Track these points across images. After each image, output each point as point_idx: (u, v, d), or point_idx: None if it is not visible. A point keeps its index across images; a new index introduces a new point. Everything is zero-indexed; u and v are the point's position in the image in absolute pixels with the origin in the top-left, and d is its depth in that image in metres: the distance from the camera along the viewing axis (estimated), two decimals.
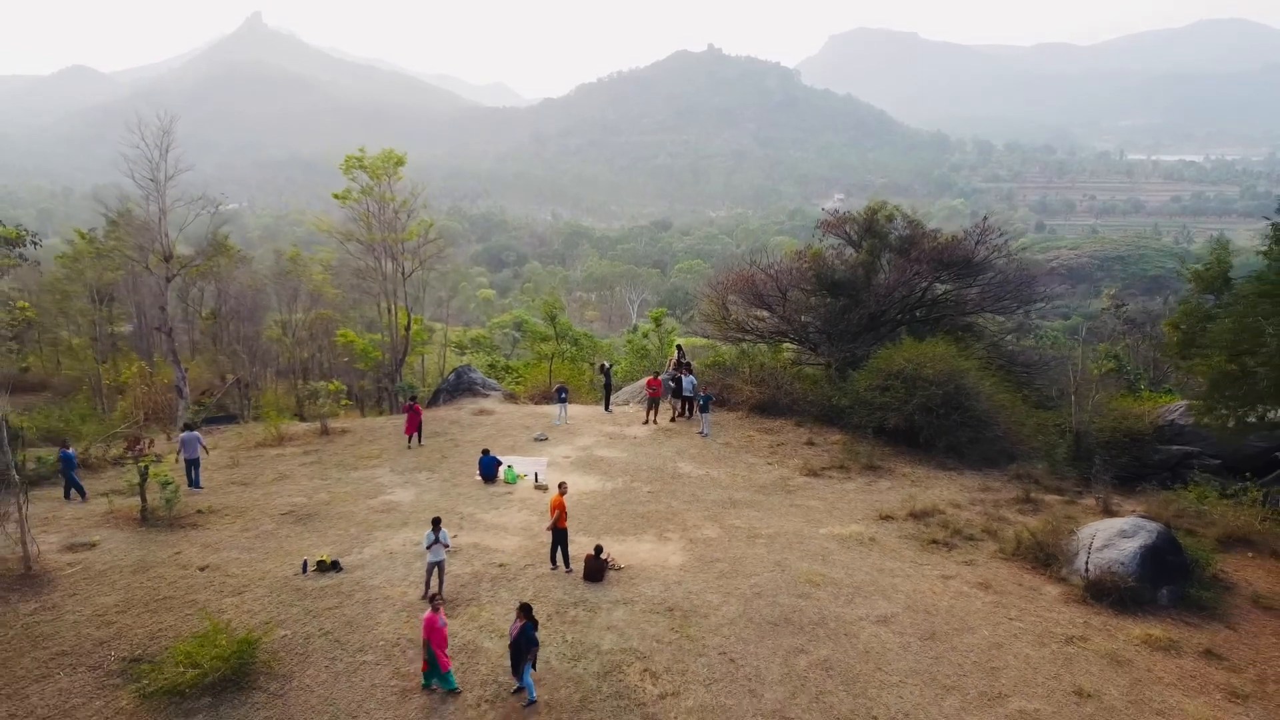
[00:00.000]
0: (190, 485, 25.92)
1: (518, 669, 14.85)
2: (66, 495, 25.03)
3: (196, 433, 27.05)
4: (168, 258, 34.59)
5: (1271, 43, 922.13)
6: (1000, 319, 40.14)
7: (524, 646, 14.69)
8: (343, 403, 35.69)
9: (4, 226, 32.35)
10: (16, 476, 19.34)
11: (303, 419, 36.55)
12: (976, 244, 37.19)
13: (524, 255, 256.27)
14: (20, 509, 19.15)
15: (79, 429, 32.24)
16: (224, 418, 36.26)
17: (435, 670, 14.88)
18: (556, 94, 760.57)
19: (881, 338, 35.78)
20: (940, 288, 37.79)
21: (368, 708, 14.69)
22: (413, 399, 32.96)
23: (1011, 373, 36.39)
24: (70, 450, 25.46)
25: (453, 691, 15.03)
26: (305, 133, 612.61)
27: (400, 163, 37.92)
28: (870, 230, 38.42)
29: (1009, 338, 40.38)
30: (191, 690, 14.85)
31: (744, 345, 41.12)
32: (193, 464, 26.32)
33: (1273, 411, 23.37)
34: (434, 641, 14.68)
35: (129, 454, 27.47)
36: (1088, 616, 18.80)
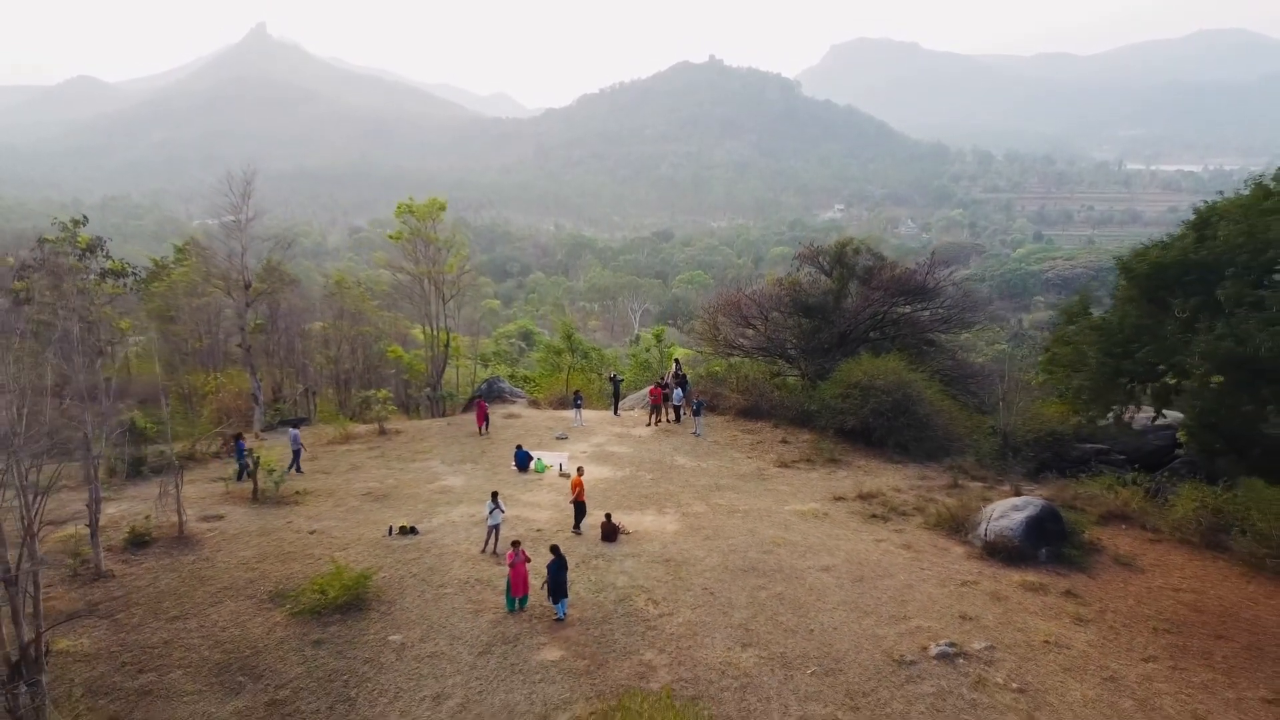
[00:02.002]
0: (293, 468, 32.90)
1: (554, 596, 21.07)
2: (239, 477, 31.38)
3: (296, 430, 33.93)
4: (247, 286, 40.85)
5: (1271, 52, 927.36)
6: (949, 337, 46.38)
7: (549, 572, 20.92)
8: (389, 408, 41.87)
9: (113, 260, 38.59)
10: (177, 463, 25.58)
11: (353, 420, 42.77)
12: (927, 274, 43.59)
13: (528, 266, 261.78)
14: (177, 488, 25.44)
15: (176, 430, 38.47)
16: (295, 420, 42.49)
17: (510, 595, 21.18)
18: (559, 104, 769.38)
19: (849, 353, 41.96)
20: (899, 311, 44.10)
21: (452, 620, 20.91)
22: (478, 397, 40.34)
23: (960, 382, 42.73)
24: (243, 441, 31.96)
25: (511, 611, 21.25)
26: (310, 144, 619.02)
27: (442, 208, 44.38)
28: (840, 261, 44.81)
29: (960, 353, 46.61)
30: (326, 610, 21.03)
31: (733, 359, 47.49)
32: (295, 454, 33.05)
33: (1135, 412, 29.71)
34: (512, 574, 21.01)
35: (226, 450, 33.89)
36: (982, 568, 24.98)
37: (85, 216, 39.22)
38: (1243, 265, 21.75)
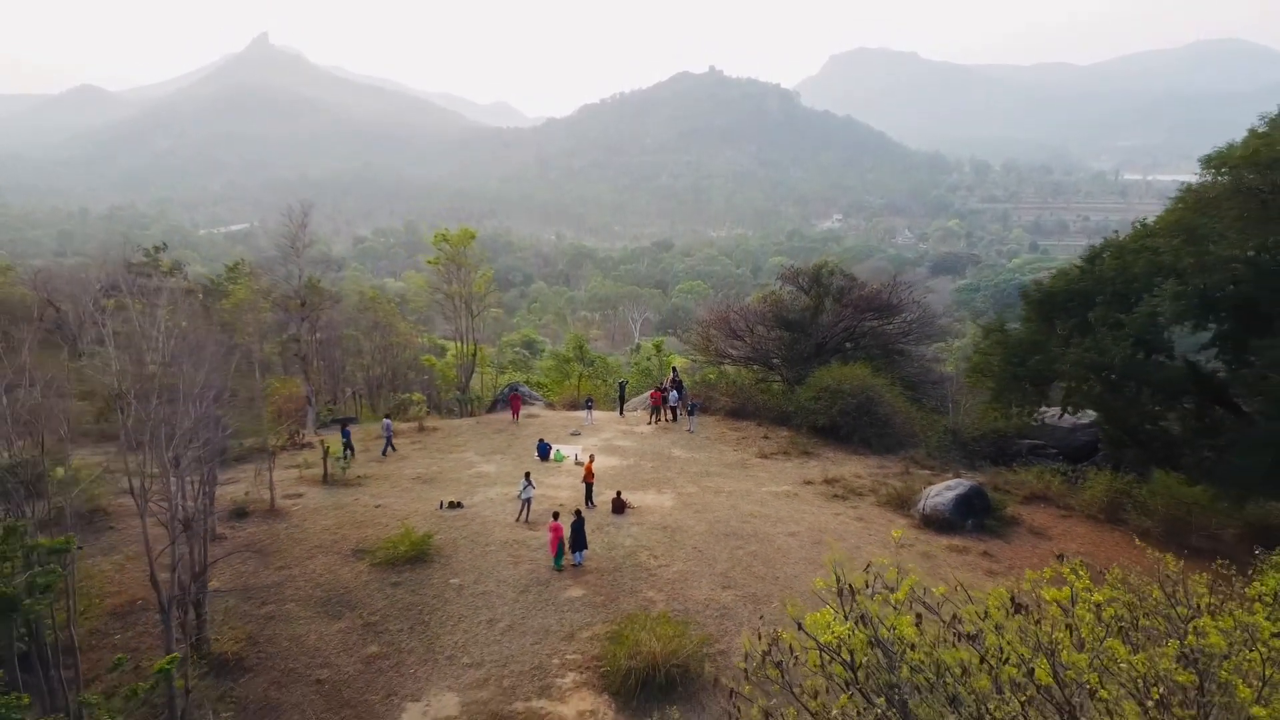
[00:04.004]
0: (386, 451, 40.66)
1: (575, 548, 27.16)
2: (344, 455, 38.00)
3: (388, 420, 41.77)
4: (303, 303, 46.95)
5: (1269, 63, 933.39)
6: (921, 346, 52.63)
7: (572, 532, 27.01)
8: (424, 410, 48.01)
9: (187, 281, 44.69)
10: (270, 451, 31.71)
11: (394, 419, 48.92)
12: (890, 293, 49.87)
13: (530, 275, 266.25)
14: (270, 471, 31.57)
15: (245, 427, 44.54)
16: (345, 419, 48.52)
17: (560, 553, 27.22)
18: (559, 113, 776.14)
19: (825, 362, 47.93)
20: (867, 325, 50.24)
21: (497, 569, 27.01)
22: (514, 390, 46.80)
23: (924, 387, 48.92)
24: (349, 429, 39.04)
25: (560, 568, 27.27)
26: (314, 153, 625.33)
27: (473, 236, 50.70)
28: (817, 281, 50.99)
29: (926, 360, 52.85)
30: (399, 562, 27.09)
31: (724, 367, 53.75)
32: (388, 440, 40.71)
33: (1041, 411, 35.91)
34: (554, 539, 27.07)
35: (291, 444, 40.09)
36: (918, 535, 31.04)
37: (164, 243, 45.28)
38: (1112, 294, 27.89)
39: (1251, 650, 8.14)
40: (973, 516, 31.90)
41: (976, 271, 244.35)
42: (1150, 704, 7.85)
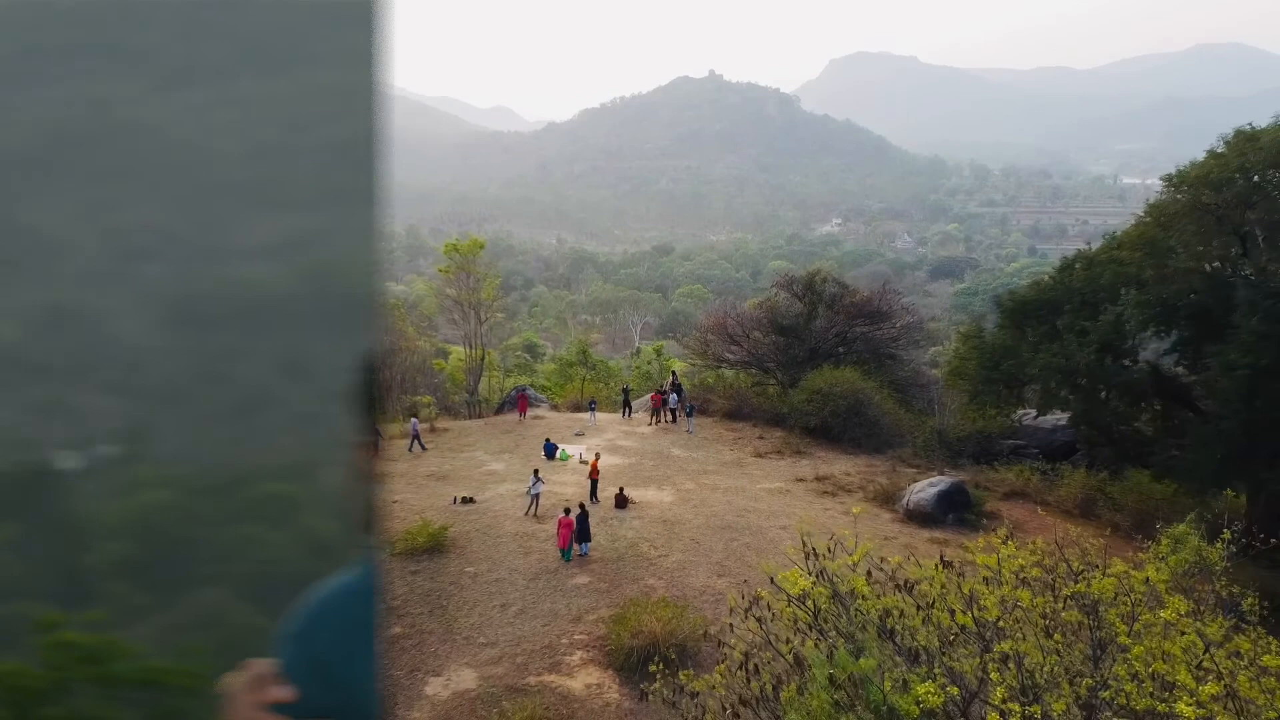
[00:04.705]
0: (413, 447, 43.19)
1: (580, 540, 29.21)
2: (410, 449, 41.36)
3: (415, 419, 44.67)
4: None
5: (1269, 67, 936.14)
6: (914, 352, 54.92)
7: (578, 525, 29.08)
8: (434, 411, 50.20)
9: None
10: None
11: (406, 420, 51.13)
12: (880, 300, 52.12)
13: (531, 280, 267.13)
14: None
15: None
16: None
17: (570, 547, 29.26)
18: (559, 117, 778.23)
19: (818, 366, 50.06)
20: (858, 330, 52.43)
21: (508, 558, 29.10)
22: (522, 392, 48.98)
23: (914, 390, 51.10)
24: (415, 421, 42.61)
25: (568, 559, 29.31)
26: None
27: (482, 246, 53.15)
28: (810, 288, 53.19)
29: (916, 364, 55.13)
30: (417, 552, 29.15)
31: (721, 370, 55.99)
32: (416, 436, 43.44)
33: (1016, 411, 38.07)
34: (562, 532, 29.11)
35: None
36: (901, 528, 33.14)
37: None
38: (1080, 302, 30.09)
39: (1126, 596, 10.30)
40: (953, 511, 33.96)
41: (975, 275, 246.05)
42: (1040, 631, 10.03)
